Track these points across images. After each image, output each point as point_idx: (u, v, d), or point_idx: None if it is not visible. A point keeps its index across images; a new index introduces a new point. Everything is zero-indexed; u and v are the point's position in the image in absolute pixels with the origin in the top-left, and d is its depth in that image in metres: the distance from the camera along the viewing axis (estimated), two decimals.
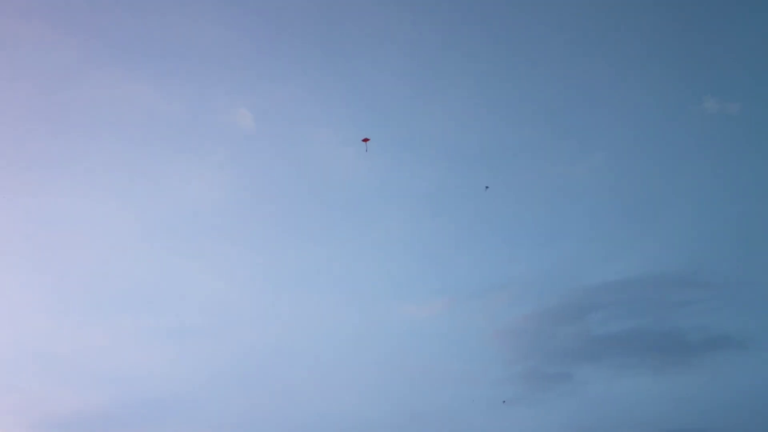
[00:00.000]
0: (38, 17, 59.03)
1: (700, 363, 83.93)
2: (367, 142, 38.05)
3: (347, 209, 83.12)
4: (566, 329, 74.40)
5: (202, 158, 71.63)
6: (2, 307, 59.93)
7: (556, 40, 69.71)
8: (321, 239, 78.53)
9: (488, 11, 68.92)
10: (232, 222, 76.12)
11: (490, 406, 74.80)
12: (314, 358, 68.43)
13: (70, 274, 68.66)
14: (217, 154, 68.97)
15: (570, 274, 77.12)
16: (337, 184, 77.71)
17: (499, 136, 78.93)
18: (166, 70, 62.34)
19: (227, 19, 64.83)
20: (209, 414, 73.31)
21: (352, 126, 68.15)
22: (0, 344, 57.22)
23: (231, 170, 72.76)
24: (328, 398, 69.77)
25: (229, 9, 63.64)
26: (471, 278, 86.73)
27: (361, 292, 79.08)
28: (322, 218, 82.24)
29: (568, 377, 76.78)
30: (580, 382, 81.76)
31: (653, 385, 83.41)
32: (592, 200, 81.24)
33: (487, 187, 51.00)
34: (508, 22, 69.34)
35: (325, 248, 77.13)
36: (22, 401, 57.73)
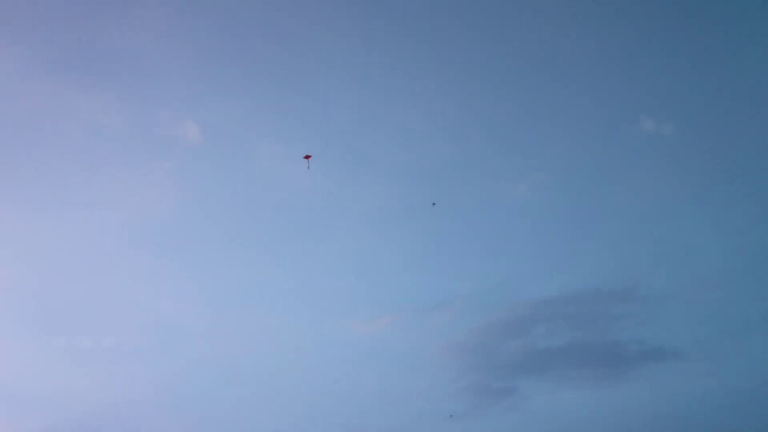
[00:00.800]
0: None
1: (638, 375, 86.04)
2: (309, 159, 37.26)
3: (294, 225, 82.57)
4: (511, 343, 75.64)
5: (146, 172, 69.88)
6: None
7: (498, 59, 71.32)
8: (267, 256, 77.61)
9: (432, 29, 70.06)
10: (176, 238, 74.41)
11: (437, 421, 74.77)
12: (259, 377, 67.39)
13: (4, 297, 65.58)
14: (162, 168, 67.42)
15: (514, 289, 78.50)
16: (284, 199, 77.19)
17: (444, 153, 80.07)
18: (108, 81, 60.66)
19: (173, 29, 63.66)
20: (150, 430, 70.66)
21: (299, 141, 67.98)
22: None
23: (175, 184, 71.18)
24: (273, 417, 68.71)
25: (175, 20, 62.56)
26: (417, 294, 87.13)
27: (306, 309, 78.44)
28: (268, 234, 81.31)
29: (512, 390, 77.65)
30: (525, 395, 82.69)
31: (594, 396, 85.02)
32: (534, 217, 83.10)
33: (434, 204, 51.30)
34: (451, 39, 70.55)
35: (271, 265, 76.28)
36: None
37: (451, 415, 62.14)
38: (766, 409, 66.29)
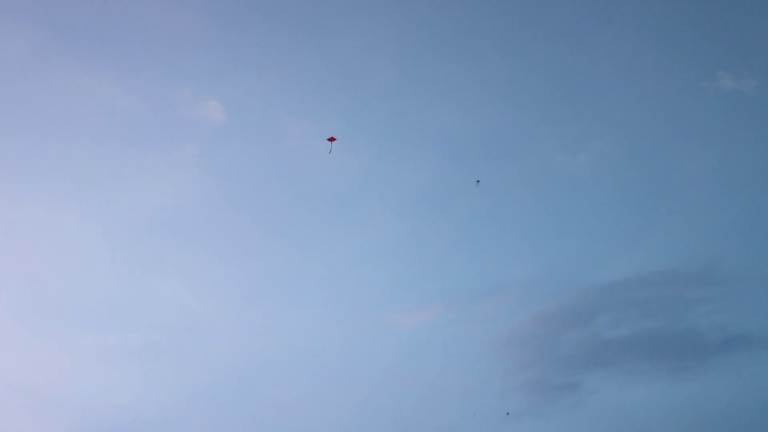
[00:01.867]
0: None
1: (719, 366, 79.84)
2: (333, 142, 34.78)
3: (328, 209, 78.56)
4: (572, 334, 70.46)
5: (168, 157, 66.70)
6: None
7: (556, 17, 64.81)
8: (301, 244, 73.97)
9: None
10: (203, 227, 71.39)
11: (492, 421, 70.44)
12: (297, 375, 64.15)
13: (21, 292, 63.91)
14: (185, 152, 64.11)
15: (575, 272, 72.89)
16: (317, 181, 73.03)
17: (495, 123, 74.16)
18: (123, 59, 57.81)
19: (192, 1, 60.07)
20: None
21: (333, 117, 63.16)
22: None
23: (200, 169, 67.88)
24: (314, 418, 65.45)
25: None
26: (467, 281, 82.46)
27: (346, 300, 74.81)
28: (302, 220, 77.65)
29: (575, 386, 72.76)
30: (589, 391, 77.62)
31: (669, 391, 79.25)
32: (596, 191, 76.86)
33: (478, 182, 47.31)
34: None
35: (306, 253, 72.69)
36: None
37: (508, 413, 58.06)
38: None
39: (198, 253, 70.20)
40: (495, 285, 74.13)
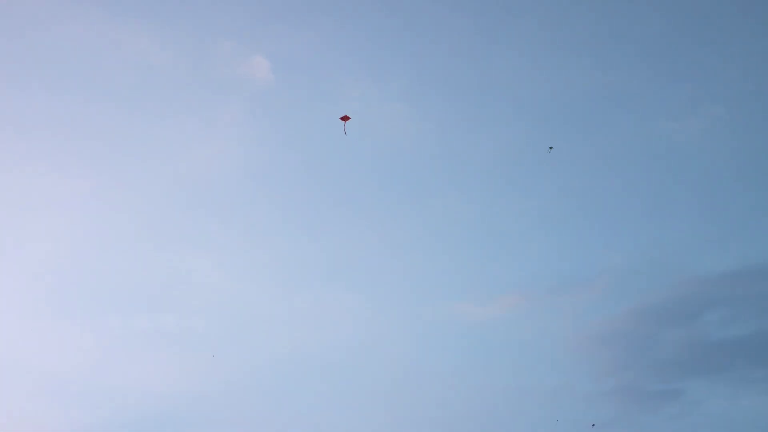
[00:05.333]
0: None
1: None
2: (346, 122, 33.70)
3: (390, 184, 73.57)
4: (674, 333, 64.47)
5: (208, 119, 62.73)
6: None
7: None
8: (355, 221, 68.94)
9: None
10: (244, 201, 67.31)
11: (575, 431, 66.63)
12: (344, 369, 59.68)
13: (48, 271, 61.08)
14: (226, 114, 60.11)
15: (679, 261, 65.99)
16: (377, 151, 67.84)
17: (586, 85, 67.13)
18: (160, 12, 54.64)
19: None
20: (220, 430, 65.88)
21: (395, 76, 57.67)
22: None
23: (243, 134, 63.56)
24: (364, 421, 61.03)
25: None
26: (547, 269, 76.69)
27: (407, 287, 70.04)
28: (356, 195, 72.71)
29: (676, 394, 68.10)
30: (693, 400, 71.92)
31: None
32: (707, 164, 69.06)
33: (551, 148, 44.71)
34: None
35: (361, 233, 67.71)
36: (5, 426, 51.02)
37: (594, 425, 53.14)
38: None
39: (238, 230, 66.11)
40: (582, 274, 68.04)
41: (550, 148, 45.90)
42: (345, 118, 33.83)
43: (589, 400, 57.37)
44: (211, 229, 62.95)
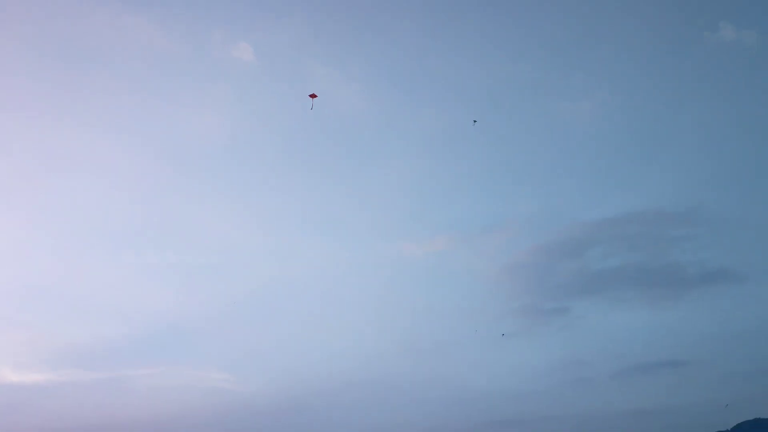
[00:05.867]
0: None
1: (696, 297, 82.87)
2: (314, 99, 36.22)
3: (349, 148, 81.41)
4: (565, 265, 74.67)
5: (203, 94, 70.67)
6: (9, 245, 60.41)
7: None
8: (323, 178, 77.35)
9: None
10: (235, 160, 75.04)
11: (490, 340, 74.72)
12: (318, 296, 68.64)
13: (75, 211, 68.73)
14: (218, 90, 68.11)
15: (571, 210, 76.63)
16: (340, 122, 76.22)
17: (504, 71, 76.36)
18: (164, 3, 61.08)
19: None
20: (215, 348, 73.54)
21: (356, 62, 66.09)
22: (8, 281, 58.00)
23: (232, 106, 71.66)
24: (331, 334, 70.14)
25: None
26: (472, 216, 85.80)
27: (364, 230, 78.55)
28: (324, 157, 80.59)
29: (565, 311, 76.75)
30: (577, 315, 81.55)
31: (648, 318, 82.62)
32: (595, 137, 79.30)
33: (475, 121, 51.79)
34: None
35: (327, 187, 76.13)
36: (34, 336, 58.69)
37: (503, 334, 62.02)
38: None
39: (230, 183, 73.91)
40: (498, 220, 77.56)
41: (474, 121, 54.28)
42: (312, 96, 36.17)
43: (499, 316, 66.85)
44: (206, 184, 70.33)
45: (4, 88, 59.62)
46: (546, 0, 68.74)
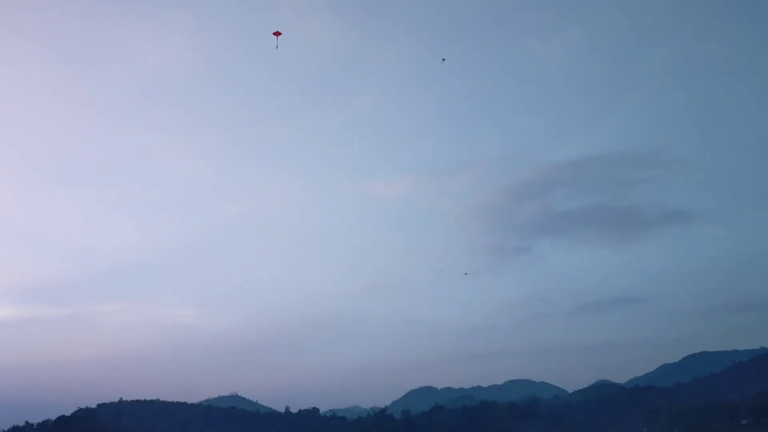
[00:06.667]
0: None
1: (653, 237, 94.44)
2: (278, 37, 35.28)
3: (313, 83, 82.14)
4: (529, 205, 79.87)
5: (164, 23, 69.31)
6: None
7: None
8: (288, 114, 78.18)
9: None
10: (197, 92, 74.85)
11: (454, 277, 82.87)
12: (283, 233, 71.16)
13: (32, 146, 67.86)
14: (179, 19, 66.47)
15: (537, 150, 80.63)
16: (306, 56, 76.14)
17: (473, 7, 76.89)
18: None
19: None
20: (180, 285, 77.35)
21: None
22: None
23: (194, 36, 70.44)
24: (296, 272, 72.90)
25: None
26: (438, 156, 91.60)
27: (325, 168, 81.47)
28: (287, 92, 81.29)
29: (527, 250, 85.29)
30: (539, 254, 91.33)
31: (607, 257, 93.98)
32: (564, 76, 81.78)
33: (444, 60, 56.36)
34: None
35: (290, 123, 77.17)
36: (2, 276, 60.02)
37: (466, 273, 67.78)
38: None
39: (192, 118, 74.27)
40: (464, 160, 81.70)
41: (443, 59, 57.89)
42: (277, 34, 35.43)
43: (464, 255, 72.38)
44: (167, 117, 70.73)
45: None
46: None
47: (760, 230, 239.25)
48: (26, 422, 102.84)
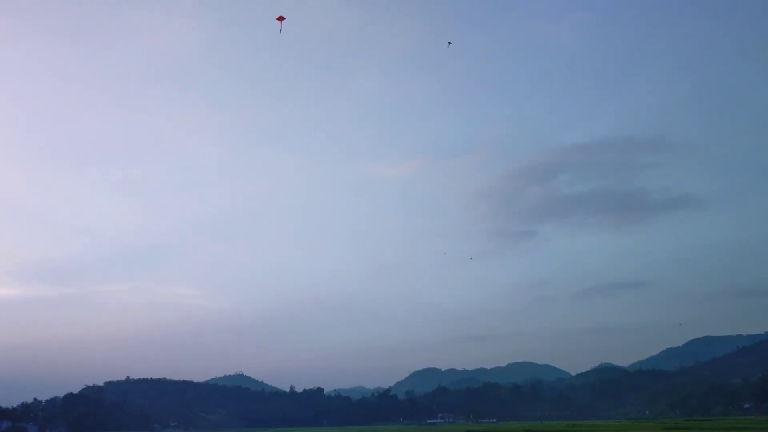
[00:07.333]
0: None
1: (658, 222, 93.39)
2: (282, 21, 34.97)
3: (321, 64, 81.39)
4: (534, 189, 79.17)
5: (170, 4, 68.44)
6: None
7: None
8: (292, 95, 77.60)
9: None
10: (202, 75, 74.48)
11: (459, 260, 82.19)
12: (286, 215, 70.94)
13: (37, 127, 67.84)
14: (185, 0, 65.92)
15: (543, 134, 79.77)
16: (311, 35, 75.60)
17: None
18: None
19: None
20: (185, 265, 77.33)
21: None
22: None
23: (201, 15, 69.89)
24: (301, 253, 72.72)
25: None
26: (444, 139, 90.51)
27: (331, 150, 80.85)
28: (294, 72, 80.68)
29: (532, 234, 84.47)
30: (544, 238, 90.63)
31: (611, 241, 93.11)
32: (572, 59, 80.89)
33: (450, 43, 55.46)
34: None
35: (297, 104, 76.77)
36: (6, 252, 60.16)
37: (472, 258, 67.37)
38: None
39: (198, 99, 73.99)
40: (470, 144, 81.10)
41: (449, 43, 56.86)
42: (280, 19, 35.24)
43: (469, 238, 72.21)
44: (174, 97, 70.33)
45: None
46: None
47: (766, 215, 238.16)
48: (35, 399, 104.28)
